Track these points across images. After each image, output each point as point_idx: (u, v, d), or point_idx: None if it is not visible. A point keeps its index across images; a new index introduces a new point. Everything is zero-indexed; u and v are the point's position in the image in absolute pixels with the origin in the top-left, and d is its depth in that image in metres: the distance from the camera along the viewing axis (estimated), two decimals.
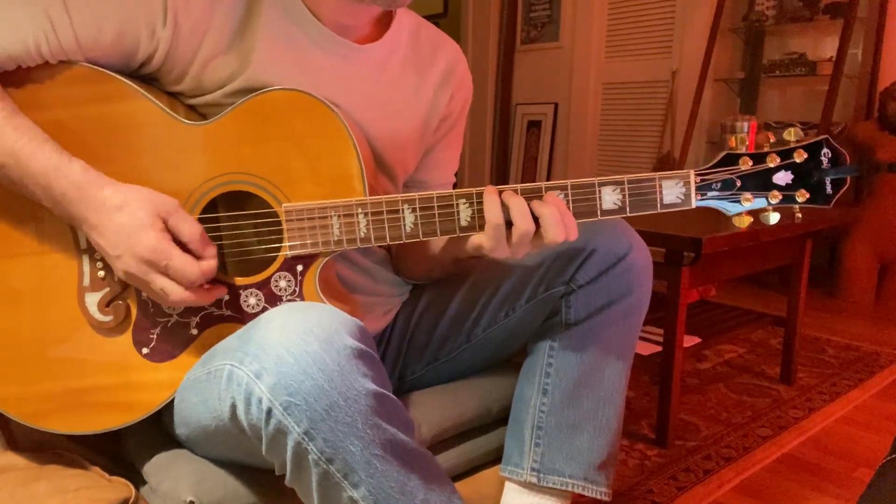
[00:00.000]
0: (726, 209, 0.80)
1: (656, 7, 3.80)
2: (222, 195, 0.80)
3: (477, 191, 0.78)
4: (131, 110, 0.78)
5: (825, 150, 0.78)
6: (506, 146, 4.65)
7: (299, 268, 0.80)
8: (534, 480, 0.90)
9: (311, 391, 0.63)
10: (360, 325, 0.70)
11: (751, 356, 2.35)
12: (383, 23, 0.91)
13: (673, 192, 0.79)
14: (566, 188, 0.78)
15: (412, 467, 0.69)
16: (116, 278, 0.79)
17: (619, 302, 0.90)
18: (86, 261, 0.79)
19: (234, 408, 0.68)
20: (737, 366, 2.26)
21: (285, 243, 0.79)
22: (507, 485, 0.94)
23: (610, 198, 0.78)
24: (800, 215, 0.80)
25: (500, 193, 0.77)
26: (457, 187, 0.88)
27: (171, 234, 0.73)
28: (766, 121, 3.43)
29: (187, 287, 0.73)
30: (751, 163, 0.79)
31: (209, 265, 0.73)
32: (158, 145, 0.78)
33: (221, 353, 0.72)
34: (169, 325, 0.80)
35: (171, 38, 0.77)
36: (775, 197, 0.79)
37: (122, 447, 0.90)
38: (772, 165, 0.79)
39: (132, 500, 0.79)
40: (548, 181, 0.78)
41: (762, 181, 0.79)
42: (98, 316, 0.79)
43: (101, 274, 0.79)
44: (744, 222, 0.80)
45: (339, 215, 0.78)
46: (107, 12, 0.75)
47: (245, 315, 0.80)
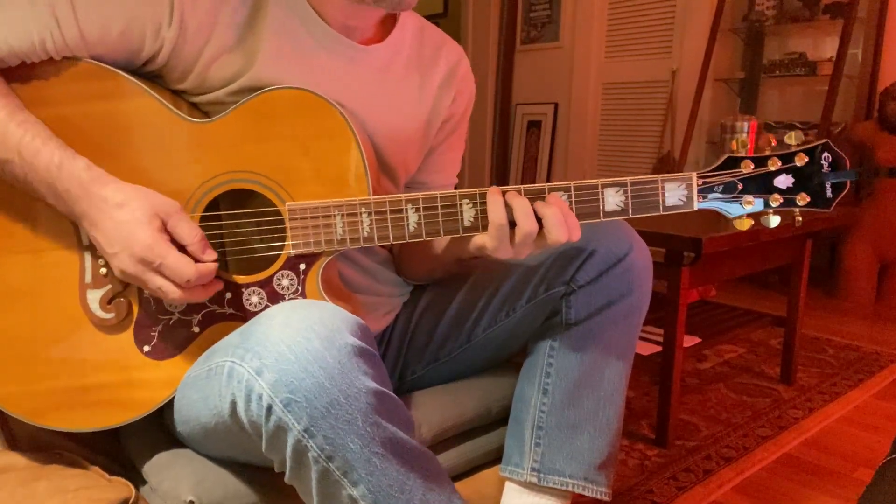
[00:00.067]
0: (727, 212, 0.80)
1: (656, 7, 3.79)
2: (225, 193, 0.80)
3: (480, 191, 0.78)
4: (135, 107, 0.78)
5: (826, 154, 0.79)
6: (506, 146, 4.65)
7: (302, 267, 0.80)
8: (534, 480, 0.90)
9: (312, 388, 0.63)
10: (361, 324, 0.70)
11: (751, 356, 2.35)
12: (387, 24, 0.92)
13: (675, 194, 0.79)
14: (569, 189, 0.78)
15: (412, 466, 0.69)
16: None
17: (620, 302, 0.90)
18: (88, 258, 0.79)
19: (234, 404, 0.68)
20: (737, 366, 2.26)
21: (288, 242, 0.79)
22: (508, 485, 0.94)
23: (613, 199, 0.79)
24: (800, 219, 0.81)
25: (504, 194, 0.77)
26: (458, 188, 0.88)
27: (170, 235, 0.73)
28: (766, 121, 3.43)
29: (183, 286, 0.73)
30: (752, 166, 0.79)
31: (206, 267, 0.73)
32: (162, 142, 0.78)
33: (222, 350, 0.72)
34: (171, 322, 0.80)
35: (177, 37, 0.77)
36: (776, 200, 0.79)
37: (122, 447, 0.90)
38: (773, 169, 0.79)
39: (132, 500, 0.79)
40: (550, 182, 0.78)
41: (763, 184, 0.79)
42: (100, 313, 0.79)
43: (103, 271, 0.79)
44: (744, 225, 0.80)
45: (342, 214, 0.78)
46: (113, 10, 0.75)
47: (247, 313, 0.80)
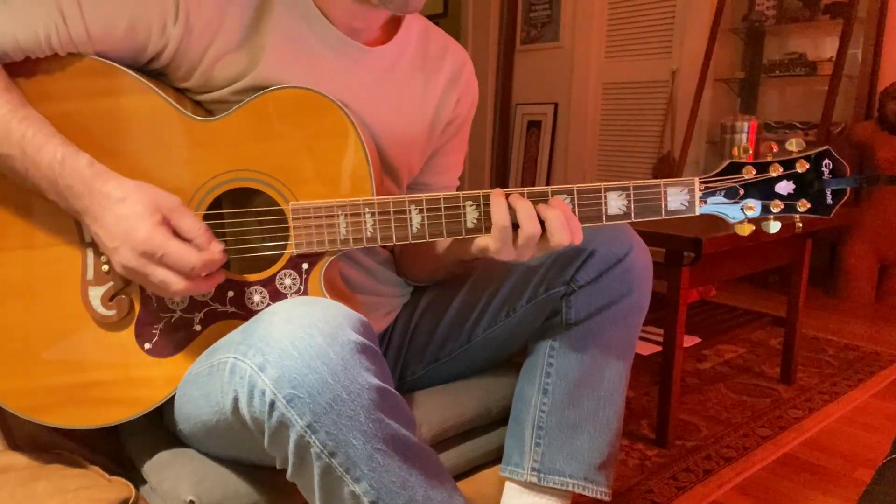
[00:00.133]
0: (729, 217, 0.80)
1: (656, 7, 3.79)
2: (228, 192, 0.80)
3: (484, 193, 0.78)
4: (139, 104, 0.78)
5: (827, 161, 0.79)
6: (506, 146, 4.65)
7: (304, 266, 0.80)
8: (534, 480, 0.90)
9: (315, 384, 0.63)
10: (363, 321, 0.70)
11: (751, 356, 2.35)
12: (392, 26, 0.92)
13: (678, 198, 0.79)
14: (572, 193, 0.79)
15: (414, 463, 0.69)
16: None
17: (620, 302, 0.90)
18: (90, 254, 0.79)
19: (236, 401, 0.68)
20: (737, 366, 2.26)
21: (291, 241, 0.79)
22: (508, 485, 0.94)
23: (616, 203, 0.79)
24: (800, 224, 0.81)
25: (507, 196, 0.78)
26: (458, 189, 0.88)
27: (172, 229, 0.73)
28: (766, 121, 3.43)
29: (187, 276, 0.72)
30: (754, 172, 0.80)
31: (211, 255, 0.73)
32: (166, 140, 0.78)
33: (225, 347, 0.72)
34: (172, 320, 0.80)
35: (182, 36, 0.77)
36: (777, 206, 0.80)
37: (122, 446, 0.90)
38: (774, 175, 0.79)
39: (132, 500, 0.79)
40: (552, 184, 0.79)
41: (764, 190, 0.80)
42: (101, 310, 0.79)
43: (104, 268, 0.79)
44: (745, 230, 0.81)
45: (346, 214, 0.78)
46: (118, 7, 0.75)
47: (249, 312, 0.80)
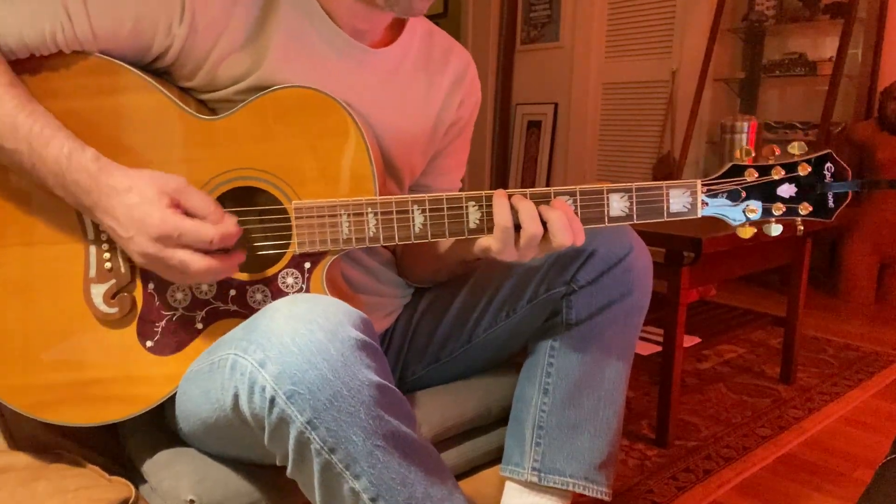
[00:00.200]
0: (730, 219, 0.81)
1: (656, 7, 3.79)
2: (230, 191, 0.80)
3: (486, 194, 0.78)
4: (143, 103, 0.78)
5: (828, 165, 0.80)
6: (506, 146, 4.65)
7: (307, 265, 0.80)
8: (535, 480, 0.90)
9: (315, 381, 0.63)
10: (364, 318, 0.70)
11: (751, 356, 2.35)
12: (397, 27, 0.92)
13: (680, 200, 0.80)
14: (575, 194, 0.79)
15: (414, 459, 0.69)
16: (123, 269, 0.79)
17: (620, 302, 0.90)
18: (92, 252, 0.79)
19: (236, 397, 0.68)
20: (737, 366, 2.26)
21: (294, 240, 0.79)
22: (508, 484, 0.94)
23: (618, 205, 0.79)
24: (801, 227, 0.81)
25: (510, 197, 0.78)
26: (460, 190, 0.88)
27: (183, 209, 0.73)
28: (766, 121, 3.43)
29: (206, 251, 0.72)
30: (756, 174, 0.80)
31: (227, 228, 0.73)
32: (170, 138, 0.78)
33: (226, 344, 0.72)
34: (174, 318, 0.80)
35: (187, 35, 0.77)
36: (779, 209, 0.80)
37: (122, 446, 0.90)
38: (776, 178, 0.80)
39: (132, 500, 0.79)
40: (552, 184, 0.79)
41: (766, 193, 0.80)
42: (103, 308, 0.79)
43: (107, 265, 0.79)
44: (747, 233, 0.81)
45: (348, 214, 0.78)
46: (124, 6, 0.75)
47: (251, 311, 0.80)
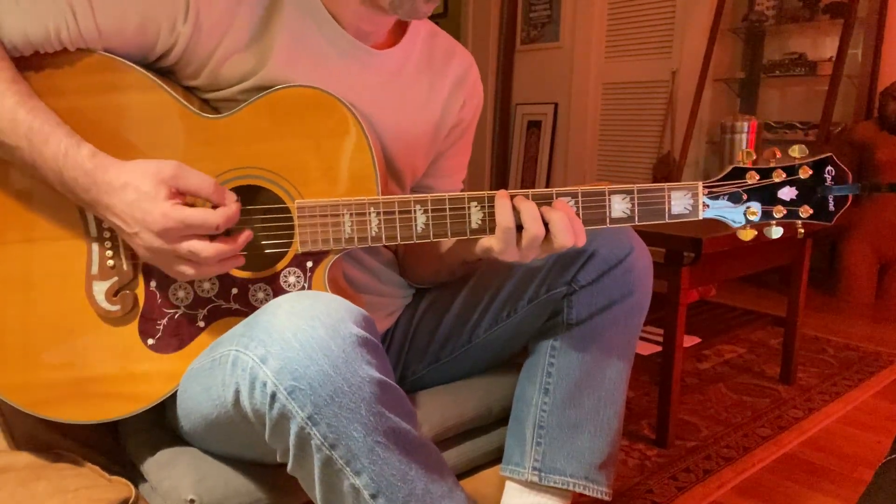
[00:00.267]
0: (731, 221, 0.81)
1: (656, 7, 3.80)
2: (234, 189, 0.80)
3: (489, 194, 0.79)
4: (147, 101, 0.78)
5: (829, 168, 0.80)
6: (506, 146, 4.65)
7: (309, 264, 0.80)
8: (535, 479, 0.90)
9: (316, 377, 0.63)
10: (365, 315, 0.70)
11: (751, 356, 2.35)
12: (400, 29, 0.92)
13: (681, 202, 0.80)
14: (577, 195, 0.79)
15: (414, 456, 0.70)
16: (126, 267, 0.79)
17: (621, 302, 0.90)
18: (95, 249, 0.79)
19: (237, 393, 0.68)
20: (737, 366, 2.26)
21: (296, 239, 0.79)
22: (508, 484, 0.94)
23: (619, 206, 0.79)
24: (802, 230, 0.82)
25: (512, 198, 0.78)
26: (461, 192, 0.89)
27: (182, 194, 0.73)
28: (766, 121, 3.43)
29: (214, 237, 0.72)
30: (757, 177, 0.80)
31: (229, 208, 0.73)
32: (173, 137, 0.78)
33: (227, 340, 0.72)
34: (176, 316, 0.80)
35: (191, 34, 0.78)
36: (780, 212, 0.80)
37: (122, 445, 0.90)
38: (777, 181, 0.80)
39: (132, 500, 0.79)
40: (552, 184, 0.79)
41: (767, 196, 0.80)
42: (105, 305, 0.79)
43: (110, 263, 0.79)
44: (748, 235, 0.81)
45: (351, 213, 0.79)
46: (129, 4, 0.76)
47: (253, 309, 0.80)
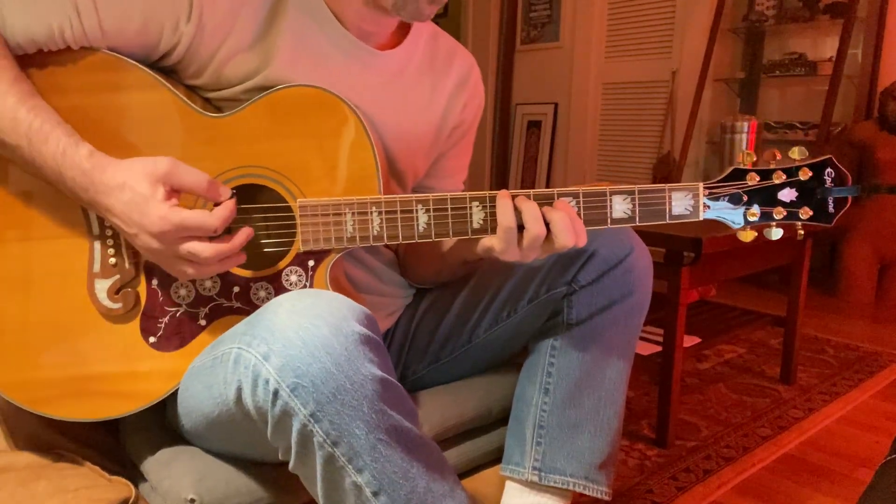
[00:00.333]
0: (731, 222, 0.81)
1: (656, 7, 3.80)
2: (235, 188, 0.80)
3: (490, 194, 0.79)
4: (150, 100, 0.78)
5: (829, 170, 0.80)
6: (506, 146, 4.65)
7: (311, 263, 0.81)
8: (535, 479, 0.91)
9: (319, 374, 0.63)
10: (367, 313, 0.70)
11: (751, 356, 2.35)
12: (402, 30, 0.93)
13: (682, 203, 0.80)
14: (578, 196, 0.79)
15: (415, 454, 0.70)
16: (127, 265, 0.79)
17: (621, 302, 0.90)
18: (97, 247, 0.79)
19: (239, 391, 0.68)
20: (737, 366, 2.26)
21: (298, 238, 0.80)
22: (508, 484, 0.94)
23: (620, 207, 0.80)
24: (802, 232, 0.82)
25: (514, 198, 0.78)
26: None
27: (178, 192, 0.72)
28: (766, 121, 3.43)
29: (213, 238, 0.72)
30: (758, 179, 0.80)
31: (225, 207, 0.73)
32: (175, 136, 0.78)
33: (229, 338, 0.72)
34: (178, 315, 0.80)
35: (195, 34, 0.78)
36: (780, 213, 0.81)
37: (122, 445, 0.90)
38: (777, 182, 0.80)
39: (132, 500, 0.79)
40: (552, 184, 0.79)
41: (768, 197, 0.81)
42: (107, 303, 0.79)
43: (112, 261, 0.79)
44: (748, 236, 0.81)
45: (353, 213, 0.79)
46: (132, 3, 0.76)
47: (254, 308, 0.80)
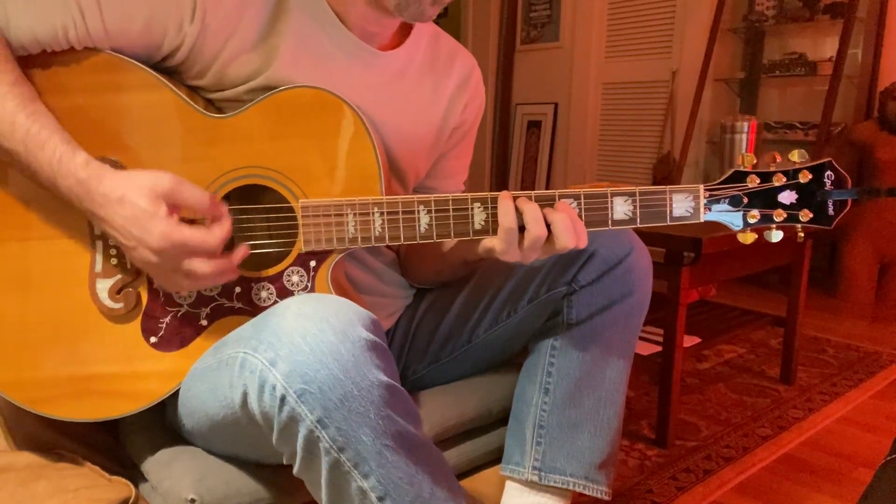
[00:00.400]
0: (732, 224, 0.81)
1: (656, 7, 3.79)
2: (237, 188, 0.80)
3: (492, 195, 0.79)
4: (153, 100, 0.78)
5: (829, 173, 0.80)
6: (506, 146, 4.65)
7: (312, 264, 0.81)
8: (535, 479, 0.91)
9: (326, 380, 0.63)
10: (373, 318, 0.70)
11: (751, 356, 2.35)
12: (404, 31, 0.93)
13: (682, 205, 0.80)
14: (579, 197, 0.79)
15: (420, 459, 0.70)
16: (129, 265, 0.79)
17: (620, 302, 0.90)
18: (99, 247, 0.79)
19: (245, 395, 0.68)
20: (737, 366, 2.26)
21: (300, 238, 0.80)
22: (508, 484, 0.94)
23: (621, 208, 0.80)
24: (802, 234, 0.82)
25: (515, 199, 0.78)
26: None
27: (178, 208, 0.72)
28: (766, 121, 3.43)
29: (211, 256, 0.72)
30: (758, 181, 0.80)
31: (224, 226, 0.73)
32: (178, 136, 0.78)
33: (234, 342, 0.72)
34: (179, 315, 0.80)
35: (198, 35, 0.78)
36: (780, 215, 0.81)
37: (122, 445, 0.90)
38: (777, 185, 0.80)
39: (132, 500, 0.79)
40: (552, 184, 0.79)
41: (768, 199, 0.81)
42: (108, 303, 0.79)
43: (113, 261, 0.79)
44: (748, 239, 0.81)
45: (355, 213, 0.79)
46: (136, 4, 0.76)
47: (256, 308, 0.80)
